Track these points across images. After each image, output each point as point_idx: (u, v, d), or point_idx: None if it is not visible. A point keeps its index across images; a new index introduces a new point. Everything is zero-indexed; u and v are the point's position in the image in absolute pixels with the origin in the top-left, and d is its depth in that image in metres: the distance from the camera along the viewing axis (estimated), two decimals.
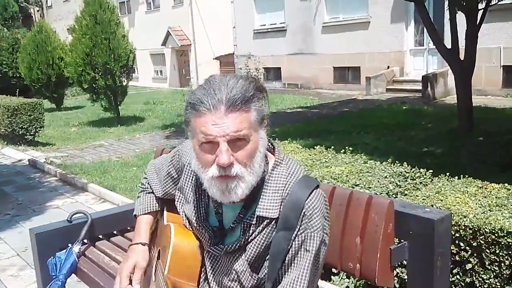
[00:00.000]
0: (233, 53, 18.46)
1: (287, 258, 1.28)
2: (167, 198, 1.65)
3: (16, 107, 8.47)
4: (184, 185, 1.50)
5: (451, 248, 2.33)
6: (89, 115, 12.78)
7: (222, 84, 1.23)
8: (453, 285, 2.36)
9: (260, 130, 1.27)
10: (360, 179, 2.94)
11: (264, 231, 1.33)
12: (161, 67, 22.97)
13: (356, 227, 1.72)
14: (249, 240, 1.34)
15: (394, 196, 2.74)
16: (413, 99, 11.21)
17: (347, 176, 3.00)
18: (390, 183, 2.87)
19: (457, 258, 2.30)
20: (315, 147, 3.89)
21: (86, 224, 2.36)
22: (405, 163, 3.18)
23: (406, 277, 2.20)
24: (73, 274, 2.27)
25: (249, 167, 1.24)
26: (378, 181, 2.91)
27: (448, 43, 6.91)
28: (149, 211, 1.67)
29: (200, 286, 1.48)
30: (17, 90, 12.53)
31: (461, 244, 2.27)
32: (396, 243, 1.72)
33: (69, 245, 2.33)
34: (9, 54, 16.15)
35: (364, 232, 1.69)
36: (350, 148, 3.68)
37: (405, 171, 3.05)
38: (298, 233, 1.27)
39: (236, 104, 1.20)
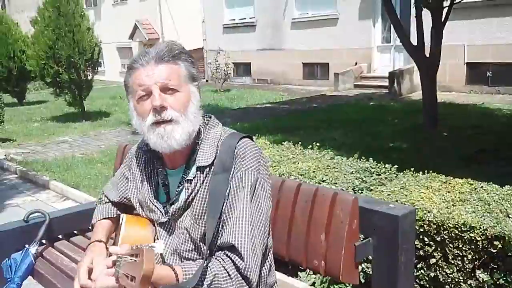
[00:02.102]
0: (203, 48, 18.28)
1: (227, 201, 1.35)
2: (124, 203, 1.68)
3: None
4: (135, 171, 1.57)
5: (416, 243, 2.35)
6: (52, 110, 12.40)
7: (153, 47, 1.43)
8: (417, 280, 2.38)
9: (191, 85, 1.43)
10: (327, 174, 2.93)
11: (205, 182, 1.41)
12: (129, 61, 22.52)
13: (321, 223, 1.69)
14: (193, 195, 1.41)
15: (360, 191, 2.74)
16: (380, 95, 11.37)
17: (314, 172, 2.99)
18: (356, 178, 2.87)
19: (421, 253, 2.32)
20: (283, 143, 3.87)
21: (44, 224, 2.28)
22: (371, 158, 3.20)
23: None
24: (30, 276, 2.18)
25: (183, 114, 1.37)
26: (345, 177, 2.91)
27: (414, 40, 7.03)
28: (106, 217, 1.68)
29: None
30: None
31: (425, 239, 2.29)
32: (361, 240, 1.71)
33: (26, 246, 2.23)
34: None
35: (329, 229, 1.67)
36: (317, 144, 3.68)
37: (370, 166, 3.06)
38: (234, 173, 1.38)
39: (163, 57, 1.38)
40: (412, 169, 2.94)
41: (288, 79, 15.20)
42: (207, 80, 17.58)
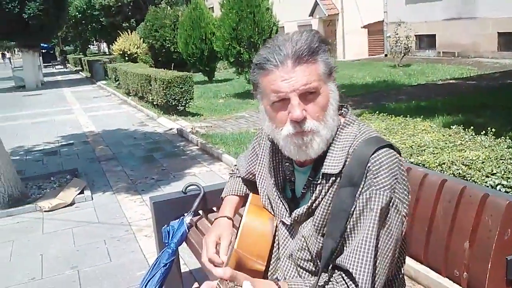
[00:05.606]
0: (383, 21, 17.46)
1: (351, 220, 1.18)
2: (250, 180, 1.67)
3: (169, 80, 9.27)
4: (263, 156, 1.50)
5: None
6: (236, 87, 13.39)
7: (286, 40, 1.21)
8: None
9: (330, 83, 1.24)
10: (499, 167, 2.50)
11: (330, 191, 1.26)
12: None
13: (465, 229, 1.45)
14: (317, 202, 1.28)
15: None
16: None
17: (483, 162, 2.58)
18: None
19: None
20: (460, 125, 3.42)
21: (199, 197, 2.45)
22: None
23: None
24: (185, 244, 2.38)
25: (322, 121, 1.21)
26: None
27: None
28: (234, 193, 1.70)
29: (272, 266, 1.44)
30: (173, 64, 13.69)
31: None
32: None
33: (185, 214, 2.45)
34: (171, 31, 17.68)
35: (475, 237, 1.42)
36: (493, 130, 3.16)
37: None
38: (363, 190, 1.18)
39: (302, 57, 1.18)
40: None
41: (479, 52, 13.53)
42: (385, 55, 16.83)
